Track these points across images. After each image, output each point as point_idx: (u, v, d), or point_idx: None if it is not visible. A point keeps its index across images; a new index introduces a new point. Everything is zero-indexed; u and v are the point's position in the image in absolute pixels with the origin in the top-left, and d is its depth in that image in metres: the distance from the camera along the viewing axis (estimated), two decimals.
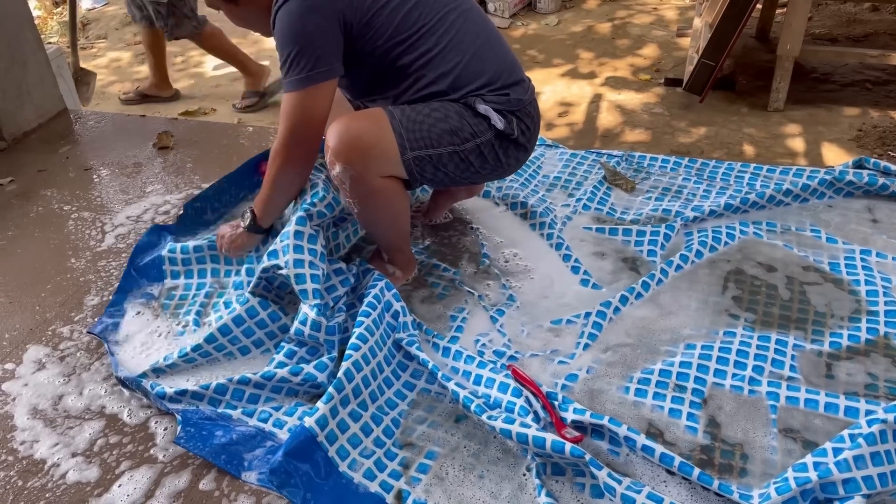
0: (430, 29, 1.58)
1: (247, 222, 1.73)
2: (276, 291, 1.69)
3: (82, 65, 3.71)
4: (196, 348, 1.61)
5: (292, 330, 1.58)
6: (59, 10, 5.72)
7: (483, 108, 1.59)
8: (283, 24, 1.51)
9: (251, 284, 1.66)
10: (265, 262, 1.61)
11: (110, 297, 1.87)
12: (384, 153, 1.55)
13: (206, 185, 2.31)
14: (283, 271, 1.58)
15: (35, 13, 3.16)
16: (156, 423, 1.52)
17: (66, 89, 3.15)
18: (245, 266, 1.77)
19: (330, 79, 1.54)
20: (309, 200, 1.65)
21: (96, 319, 1.79)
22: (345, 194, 1.62)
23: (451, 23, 1.61)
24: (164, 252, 1.92)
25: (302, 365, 1.52)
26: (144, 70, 4.49)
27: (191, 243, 1.92)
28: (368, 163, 1.54)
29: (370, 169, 1.55)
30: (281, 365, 1.56)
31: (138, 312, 1.81)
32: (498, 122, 1.60)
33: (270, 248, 1.62)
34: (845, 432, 1.28)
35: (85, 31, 5.17)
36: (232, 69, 4.01)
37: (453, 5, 1.63)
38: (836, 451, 1.24)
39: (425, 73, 1.60)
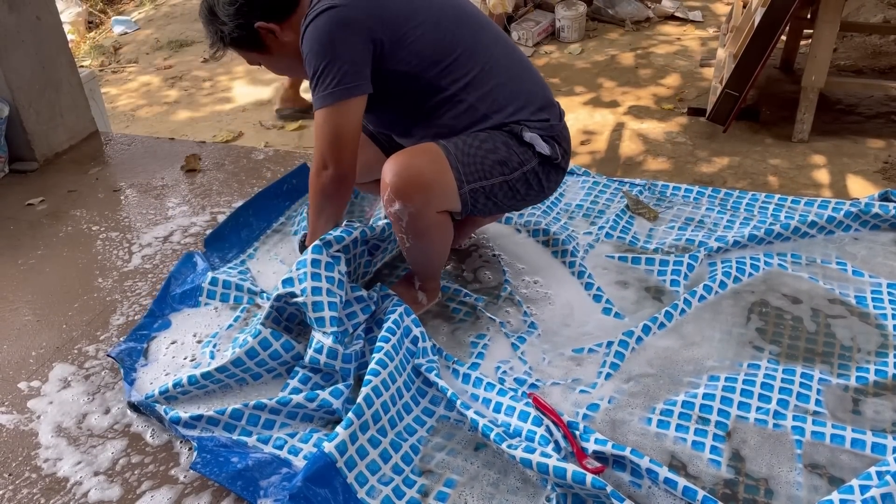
0: (466, 52, 1.59)
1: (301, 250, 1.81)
2: (286, 324, 1.69)
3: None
4: (206, 375, 1.59)
5: (307, 358, 1.57)
6: (93, 34, 5.87)
7: (529, 135, 1.60)
8: (309, 40, 1.51)
9: (263, 315, 1.65)
10: (279, 290, 1.61)
11: (136, 318, 1.90)
12: (444, 189, 1.55)
13: (235, 205, 2.34)
14: (299, 299, 1.58)
15: (69, 37, 3.25)
16: (179, 443, 1.53)
17: (97, 112, 3.22)
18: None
19: (357, 94, 1.52)
20: None
21: (120, 340, 1.81)
22: (399, 230, 1.60)
23: (486, 46, 1.62)
24: (205, 284, 1.93)
25: (317, 391, 1.52)
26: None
27: (233, 279, 1.93)
28: (429, 199, 1.54)
29: (430, 205, 1.55)
30: (296, 391, 1.56)
31: (167, 339, 1.81)
32: (545, 148, 1.61)
33: (285, 276, 1.62)
34: (872, 469, 1.26)
35: (116, 55, 5.30)
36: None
37: (487, 30, 1.65)
38: (864, 489, 1.22)
39: (465, 98, 1.59)
